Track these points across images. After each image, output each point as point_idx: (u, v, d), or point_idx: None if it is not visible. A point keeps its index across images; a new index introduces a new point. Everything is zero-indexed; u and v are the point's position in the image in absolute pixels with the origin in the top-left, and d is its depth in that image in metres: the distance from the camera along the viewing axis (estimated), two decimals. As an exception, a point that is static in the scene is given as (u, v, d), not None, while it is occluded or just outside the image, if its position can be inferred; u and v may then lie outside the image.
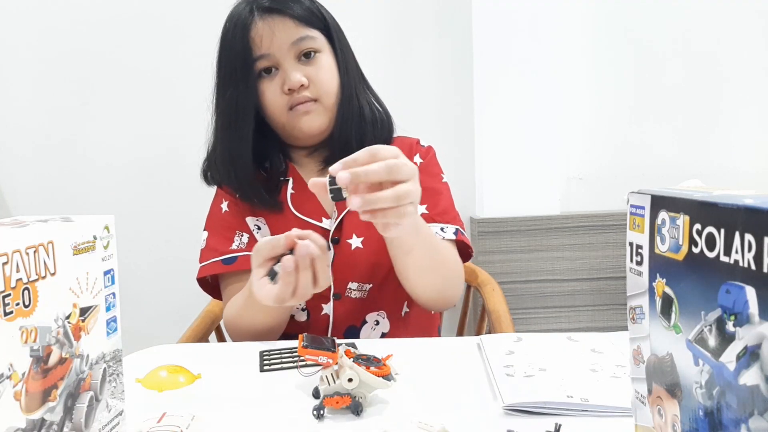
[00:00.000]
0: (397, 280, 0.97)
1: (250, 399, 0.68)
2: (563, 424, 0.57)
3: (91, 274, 0.51)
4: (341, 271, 0.99)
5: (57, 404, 0.46)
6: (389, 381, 0.62)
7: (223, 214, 1.05)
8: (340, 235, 1.00)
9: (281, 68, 0.97)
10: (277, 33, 0.95)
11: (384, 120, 1.04)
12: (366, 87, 1.06)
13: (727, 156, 1.79)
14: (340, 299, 1.00)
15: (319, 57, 0.98)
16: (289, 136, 1.02)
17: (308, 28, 0.97)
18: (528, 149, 1.69)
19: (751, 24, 1.75)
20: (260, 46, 0.95)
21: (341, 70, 1.01)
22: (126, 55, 1.79)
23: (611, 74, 1.78)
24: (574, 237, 1.69)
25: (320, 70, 0.97)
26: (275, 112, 0.98)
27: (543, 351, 0.77)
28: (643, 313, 0.45)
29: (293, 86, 0.95)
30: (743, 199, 0.34)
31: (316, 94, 0.97)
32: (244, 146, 0.99)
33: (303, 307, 1.01)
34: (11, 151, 1.83)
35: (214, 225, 1.06)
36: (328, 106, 0.99)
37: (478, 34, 1.67)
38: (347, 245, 0.99)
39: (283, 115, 0.98)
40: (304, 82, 0.95)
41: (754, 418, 0.33)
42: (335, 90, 0.99)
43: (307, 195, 1.01)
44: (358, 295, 1.00)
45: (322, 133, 1.01)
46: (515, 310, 1.67)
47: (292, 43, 0.95)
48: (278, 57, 0.96)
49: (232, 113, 0.99)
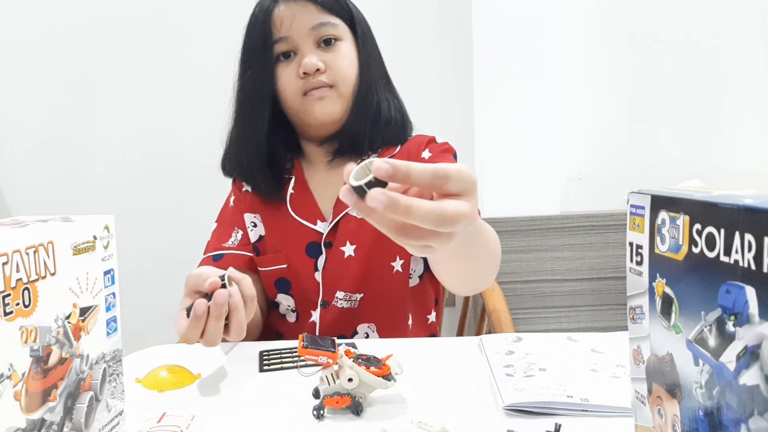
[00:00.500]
0: (392, 292, 0.95)
1: (250, 399, 0.68)
2: (563, 424, 0.57)
3: (91, 274, 0.51)
4: (331, 278, 0.97)
5: (57, 404, 0.46)
6: (389, 381, 0.62)
7: (229, 209, 1.06)
8: (334, 239, 0.98)
9: (299, 52, 0.95)
10: (298, 16, 0.94)
11: (399, 121, 1.02)
12: (388, 86, 1.03)
13: (727, 156, 1.79)
14: (327, 307, 0.98)
15: (340, 45, 0.96)
16: (302, 123, 1.00)
17: (330, 15, 0.96)
18: (528, 149, 1.69)
19: (751, 24, 1.75)
20: (280, 28, 0.94)
21: (361, 62, 0.98)
22: (126, 55, 1.79)
23: (611, 74, 1.78)
24: (574, 237, 1.69)
25: (338, 56, 0.95)
26: (289, 97, 0.96)
27: (543, 351, 0.77)
28: (643, 313, 0.45)
29: (308, 70, 0.93)
30: (743, 199, 0.34)
31: (333, 80, 0.95)
32: (259, 131, 0.97)
33: (293, 308, 1.00)
34: (11, 151, 1.83)
35: (221, 219, 1.06)
36: (343, 93, 0.96)
37: (478, 34, 1.67)
38: (340, 252, 0.97)
39: (297, 100, 0.96)
40: (320, 66, 0.93)
41: (754, 418, 0.33)
42: (353, 79, 0.97)
43: (305, 196, 1.00)
44: (345, 305, 0.97)
45: (335, 122, 0.98)
46: (515, 310, 1.67)
47: (312, 27, 0.94)
48: (297, 40, 0.94)
49: (250, 96, 0.97)
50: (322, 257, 0.98)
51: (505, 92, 1.68)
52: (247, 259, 1.01)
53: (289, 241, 0.99)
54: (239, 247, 1.01)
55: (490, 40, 1.67)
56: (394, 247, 0.94)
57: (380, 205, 0.43)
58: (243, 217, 1.03)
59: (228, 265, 0.99)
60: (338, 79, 0.95)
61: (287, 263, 0.99)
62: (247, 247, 1.02)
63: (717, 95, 1.78)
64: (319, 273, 0.98)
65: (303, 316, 1.00)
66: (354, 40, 0.99)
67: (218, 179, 1.07)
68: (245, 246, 1.02)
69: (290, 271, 0.99)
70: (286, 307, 1.01)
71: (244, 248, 1.01)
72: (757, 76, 1.77)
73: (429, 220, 0.45)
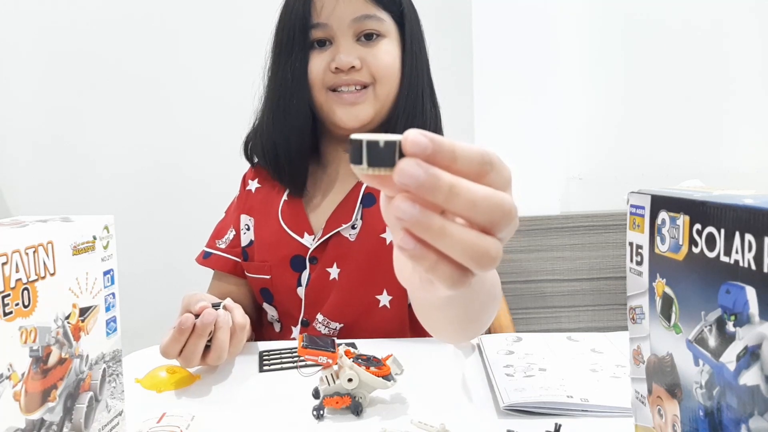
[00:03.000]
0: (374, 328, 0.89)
1: (250, 399, 0.68)
2: (563, 424, 0.57)
3: (91, 274, 0.51)
4: (312, 298, 0.92)
5: (56, 404, 0.46)
6: (389, 381, 0.62)
7: (233, 204, 1.03)
8: (321, 256, 0.91)
9: (335, 43, 0.87)
10: (342, 4, 0.85)
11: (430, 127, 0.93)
12: (432, 95, 0.95)
13: (727, 156, 1.79)
14: (308, 327, 0.93)
15: (382, 42, 0.87)
16: (327, 120, 0.92)
17: (378, 7, 0.87)
18: (528, 149, 1.69)
19: (752, 24, 1.75)
20: (320, 13, 0.86)
21: (406, 64, 0.89)
22: (127, 57, 1.79)
23: (611, 74, 1.78)
24: (574, 237, 1.69)
25: (379, 53, 0.87)
26: (315, 88, 0.88)
27: (543, 351, 0.77)
28: (643, 313, 0.45)
29: (342, 66, 0.85)
30: (743, 199, 0.34)
31: (370, 77, 0.87)
32: (295, 118, 0.89)
33: (277, 318, 0.98)
34: (11, 151, 1.83)
35: (227, 211, 1.04)
36: (380, 94, 0.88)
37: (478, 34, 1.67)
38: (325, 272, 0.91)
39: (322, 94, 0.88)
40: (356, 64, 0.85)
41: (754, 419, 0.33)
42: (394, 80, 0.88)
43: (298, 207, 0.94)
44: (324, 331, 0.92)
45: (363, 128, 0.89)
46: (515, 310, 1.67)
47: (353, 18, 0.85)
48: (335, 30, 0.86)
49: (284, 81, 0.89)
50: (306, 273, 0.92)
51: (505, 92, 1.68)
52: (232, 264, 0.98)
53: (275, 251, 0.94)
54: (227, 249, 0.99)
55: (490, 40, 1.67)
56: (384, 278, 0.89)
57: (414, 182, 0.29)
58: (239, 218, 0.99)
59: (215, 265, 0.99)
60: (376, 78, 0.87)
61: (270, 274, 0.94)
62: (236, 250, 0.98)
63: (718, 95, 1.78)
64: (302, 289, 0.93)
65: (285, 330, 0.98)
66: (400, 38, 0.90)
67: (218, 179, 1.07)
68: (234, 249, 0.99)
69: (273, 283, 0.95)
70: (270, 316, 0.98)
71: (231, 251, 0.99)
72: (758, 76, 1.77)
73: (482, 211, 0.31)
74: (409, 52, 0.90)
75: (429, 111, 0.92)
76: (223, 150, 1.79)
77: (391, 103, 0.90)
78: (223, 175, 1.81)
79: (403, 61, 0.90)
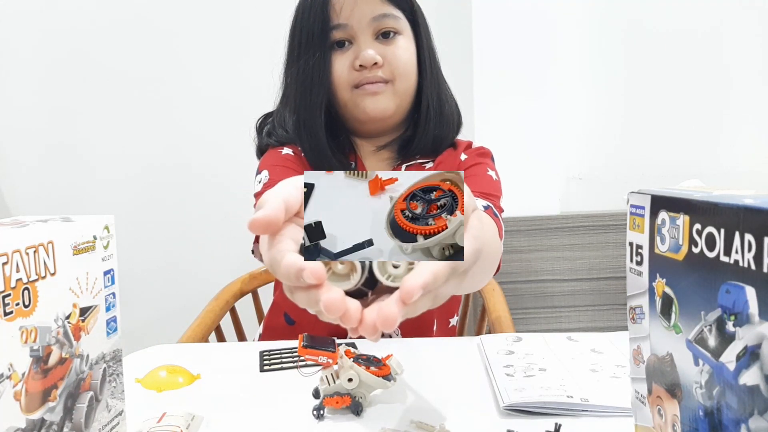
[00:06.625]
0: None
1: (250, 399, 0.68)
2: (563, 424, 0.57)
3: (91, 274, 0.51)
4: None
5: (57, 404, 0.46)
6: (389, 381, 0.62)
7: (284, 156, 0.97)
8: None
9: (356, 42, 0.90)
10: (360, 4, 0.88)
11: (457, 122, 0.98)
12: (444, 82, 0.98)
13: (727, 156, 1.79)
14: None
15: (399, 39, 0.91)
16: (351, 118, 0.94)
17: (393, 6, 0.91)
18: (527, 149, 1.69)
19: (752, 24, 1.75)
20: (339, 14, 0.89)
21: (422, 59, 0.93)
22: (127, 59, 1.79)
23: (611, 74, 1.78)
24: (574, 237, 1.69)
25: (398, 50, 0.90)
26: (339, 87, 0.91)
27: (543, 351, 0.77)
28: (643, 313, 0.45)
29: (366, 63, 0.88)
30: (743, 199, 0.34)
31: (390, 74, 0.90)
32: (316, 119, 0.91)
33: None
34: (12, 152, 1.83)
35: (275, 163, 0.96)
36: (399, 90, 0.91)
37: (478, 34, 1.67)
38: None
39: (347, 92, 0.91)
40: (378, 60, 0.88)
41: (754, 418, 0.33)
42: (412, 75, 0.92)
43: None
44: None
45: (385, 119, 0.93)
46: (515, 310, 1.67)
47: (372, 18, 0.89)
48: (355, 30, 0.89)
49: (307, 82, 0.91)
50: None
51: (505, 92, 1.67)
52: None
53: None
54: None
55: (490, 40, 1.67)
56: None
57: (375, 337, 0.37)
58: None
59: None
60: (396, 75, 0.90)
61: None
62: None
63: (717, 95, 1.78)
64: None
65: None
66: (413, 34, 0.94)
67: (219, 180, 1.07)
68: None
69: None
70: None
71: None
72: (758, 76, 1.77)
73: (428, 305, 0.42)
74: (426, 48, 0.94)
75: (452, 99, 0.97)
76: (223, 150, 1.80)
77: (410, 98, 0.94)
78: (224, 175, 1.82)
79: (420, 57, 0.93)
